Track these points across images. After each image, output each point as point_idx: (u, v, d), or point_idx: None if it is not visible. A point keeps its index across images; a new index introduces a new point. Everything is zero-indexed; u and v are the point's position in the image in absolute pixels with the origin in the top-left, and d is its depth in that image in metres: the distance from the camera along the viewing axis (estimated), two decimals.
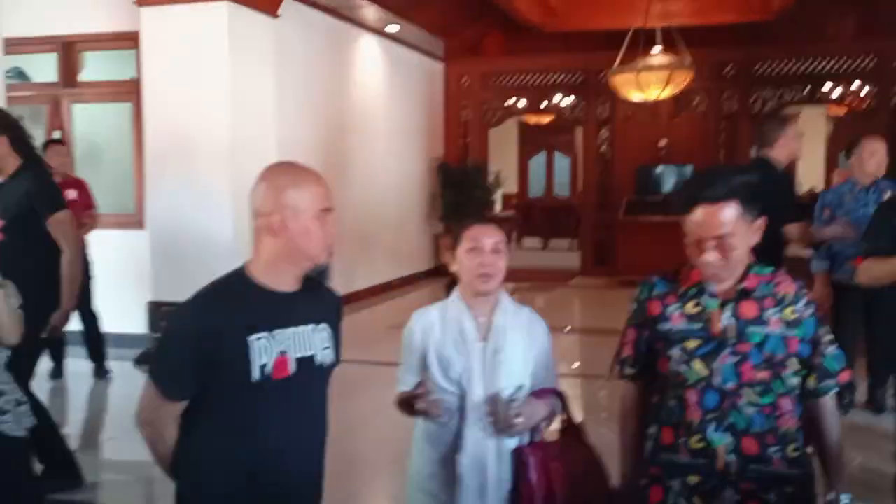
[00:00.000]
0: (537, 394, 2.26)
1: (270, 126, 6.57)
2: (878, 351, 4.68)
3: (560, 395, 2.30)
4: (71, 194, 5.78)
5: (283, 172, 1.93)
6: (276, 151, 6.51)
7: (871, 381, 4.86)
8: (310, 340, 1.92)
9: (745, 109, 10.54)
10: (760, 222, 1.94)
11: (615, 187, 11.19)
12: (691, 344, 1.96)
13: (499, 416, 2.15)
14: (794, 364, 1.95)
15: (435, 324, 2.29)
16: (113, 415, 5.34)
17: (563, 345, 7.39)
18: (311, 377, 1.93)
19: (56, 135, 6.90)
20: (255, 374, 1.81)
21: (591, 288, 10.70)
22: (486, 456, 2.19)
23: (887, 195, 4.45)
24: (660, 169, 11.11)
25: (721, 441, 1.92)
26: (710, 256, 1.90)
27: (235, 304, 1.86)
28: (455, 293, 2.31)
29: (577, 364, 6.81)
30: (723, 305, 1.96)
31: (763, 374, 1.92)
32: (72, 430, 4.77)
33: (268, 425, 1.88)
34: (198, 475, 1.90)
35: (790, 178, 4.34)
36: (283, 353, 1.85)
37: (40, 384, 5.14)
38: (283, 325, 1.88)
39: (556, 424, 2.32)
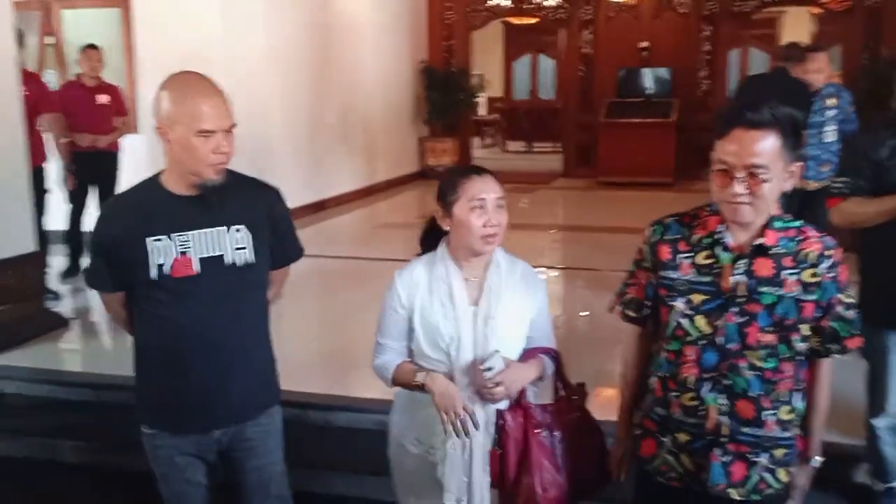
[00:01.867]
0: (528, 353, 2.11)
1: (260, 29, 6.71)
2: None
3: (555, 356, 2.16)
4: (102, 99, 6.04)
5: (177, 85, 2.03)
6: (265, 55, 6.68)
7: None
8: (218, 241, 2.07)
9: (726, 9, 10.62)
10: (797, 167, 1.78)
11: (597, 89, 11.34)
12: (697, 298, 1.84)
13: (477, 385, 2.00)
14: (805, 329, 1.82)
15: (420, 283, 2.09)
16: None
17: (545, 243, 7.80)
18: (221, 276, 2.07)
19: (88, 41, 6.99)
20: (153, 272, 2.03)
21: (573, 189, 11.01)
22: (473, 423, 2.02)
23: (829, 102, 4.82)
24: (641, 71, 11.26)
25: (714, 401, 1.83)
26: (739, 187, 1.73)
27: (136, 210, 2.07)
28: (443, 248, 2.11)
29: (556, 258, 7.19)
30: (736, 260, 1.82)
31: (770, 338, 1.80)
32: (94, 316, 5.21)
33: (174, 316, 2.07)
34: (139, 343, 2.20)
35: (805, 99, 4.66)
36: (183, 254, 2.04)
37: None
38: (186, 228, 2.04)
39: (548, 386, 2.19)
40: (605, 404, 2.94)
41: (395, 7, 10.74)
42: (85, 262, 6.23)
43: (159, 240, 2.04)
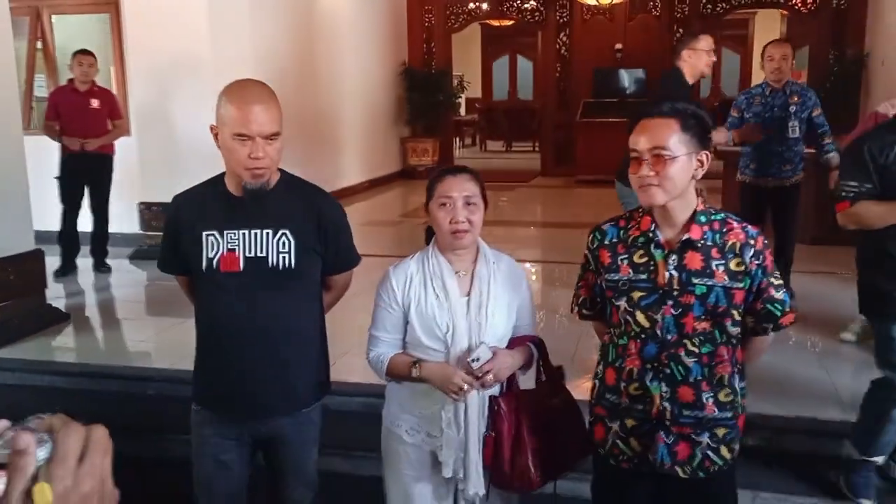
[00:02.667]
0: (514, 342, 2.23)
1: (246, 33, 6.91)
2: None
3: (538, 343, 2.28)
4: (94, 103, 6.19)
5: (229, 89, 2.13)
6: (251, 58, 6.88)
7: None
8: (264, 244, 2.17)
9: (696, 13, 10.94)
10: (704, 157, 1.94)
11: (574, 90, 11.62)
12: (637, 294, 1.97)
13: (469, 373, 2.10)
14: (735, 315, 1.96)
15: (414, 278, 2.20)
16: (120, 298, 5.91)
17: (527, 237, 8.07)
18: (263, 276, 2.18)
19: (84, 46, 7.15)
20: (204, 264, 2.18)
21: (551, 187, 11.28)
22: (468, 408, 2.15)
23: (794, 99, 4.77)
24: (616, 72, 11.54)
25: (657, 389, 1.97)
26: (646, 170, 1.90)
27: (198, 204, 2.23)
28: (433, 244, 2.23)
29: (536, 252, 7.46)
30: (668, 256, 1.95)
31: (704, 325, 1.94)
32: (90, 311, 5.41)
33: (219, 307, 2.22)
34: (197, 325, 2.34)
35: (687, 92, 4.26)
36: (231, 251, 2.16)
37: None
38: (235, 227, 2.16)
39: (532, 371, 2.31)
40: (580, 385, 3.20)
41: (376, 11, 10.96)
42: (80, 261, 6.44)
43: (212, 234, 2.17)
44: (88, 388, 4.24)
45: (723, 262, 1.93)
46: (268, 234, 2.17)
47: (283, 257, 2.17)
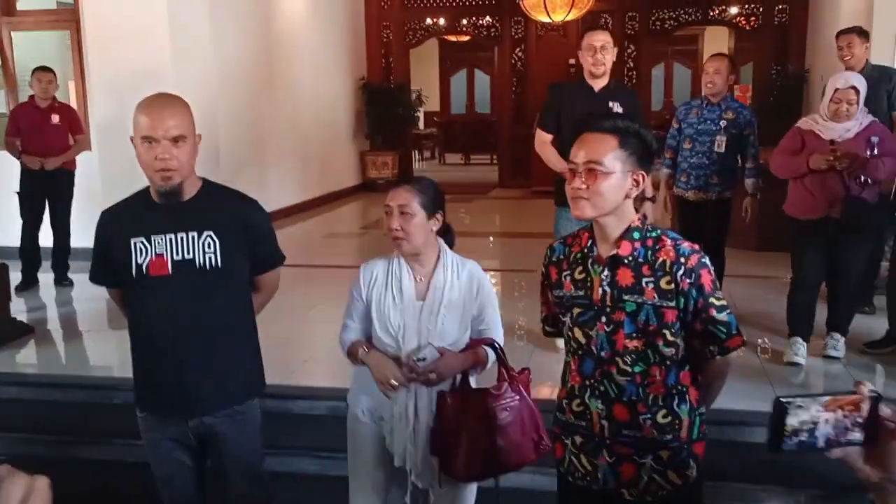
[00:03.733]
0: (472, 343, 2.40)
1: (207, 48, 7.00)
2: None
3: (496, 347, 2.40)
4: (55, 119, 6.23)
5: (143, 100, 2.27)
6: (214, 74, 6.98)
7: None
8: (190, 246, 2.28)
9: (646, 29, 11.29)
10: (640, 177, 1.93)
11: (530, 103, 11.88)
12: (576, 311, 1.99)
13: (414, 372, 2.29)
14: (668, 335, 1.91)
15: (378, 278, 2.41)
16: (82, 311, 5.96)
17: (485, 247, 8.27)
18: (193, 277, 2.29)
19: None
20: (134, 270, 2.29)
21: (509, 198, 11.50)
22: (417, 403, 2.35)
23: (728, 115, 4.80)
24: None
25: (595, 407, 1.97)
26: (577, 181, 1.89)
27: (126, 214, 2.35)
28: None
29: (495, 262, 7.66)
30: (602, 272, 1.95)
31: (636, 343, 1.91)
32: (52, 325, 5.49)
33: (151, 311, 2.33)
34: (130, 332, 2.45)
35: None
36: (159, 255, 2.27)
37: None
38: (161, 232, 2.27)
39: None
40: (541, 391, 3.36)
41: (335, 26, 11.10)
42: (41, 275, 6.45)
43: (140, 240, 2.28)
44: (55, 399, 4.30)
45: (652, 279, 1.91)
46: (192, 235, 2.28)
47: (209, 257, 2.28)
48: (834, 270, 4.31)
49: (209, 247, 2.28)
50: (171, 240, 2.27)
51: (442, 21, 12.02)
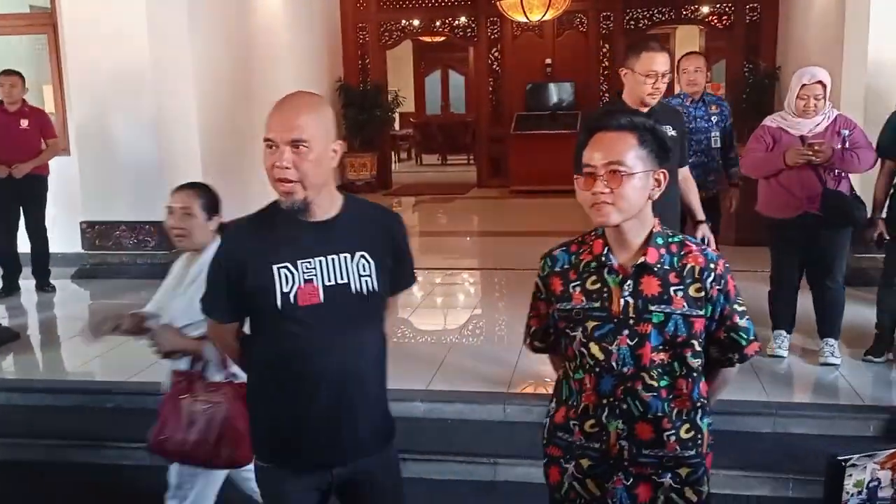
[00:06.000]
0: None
1: (186, 51, 6.98)
2: None
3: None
4: (23, 123, 6.15)
5: (284, 97, 1.98)
6: (192, 77, 6.97)
7: None
8: (343, 269, 1.95)
9: (620, 29, 11.43)
10: (662, 176, 1.83)
11: (506, 103, 11.96)
12: (591, 324, 1.83)
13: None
14: (696, 345, 1.82)
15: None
16: (66, 317, 5.91)
17: (464, 247, 8.34)
18: (346, 304, 1.95)
19: None
20: (280, 301, 1.90)
21: (487, 198, 11.58)
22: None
23: (713, 109, 4.88)
24: (547, 86, 11.93)
25: (614, 427, 1.82)
26: (600, 186, 1.77)
27: (259, 234, 1.97)
28: None
29: (474, 261, 7.73)
30: (623, 282, 1.82)
31: (663, 356, 1.80)
32: (33, 331, 5.48)
33: (301, 347, 1.94)
34: (254, 375, 2.08)
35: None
36: (308, 282, 1.92)
37: None
38: (308, 256, 1.93)
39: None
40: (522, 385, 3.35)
41: (311, 29, 11.10)
42: (23, 281, 6.41)
43: (283, 267, 1.92)
44: (48, 404, 4.30)
45: (681, 287, 1.80)
46: (346, 258, 1.96)
47: (365, 280, 1.98)
48: (813, 270, 4.35)
49: (364, 269, 1.97)
50: (321, 263, 1.94)
51: (417, 22, 12.08)
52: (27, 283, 6.45)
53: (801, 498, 3.33)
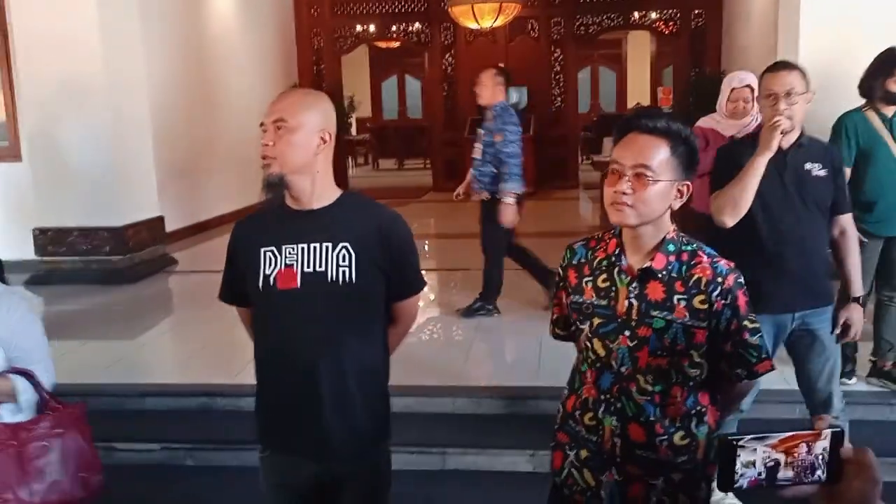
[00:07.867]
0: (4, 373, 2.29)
1: (139, 58, 7.00)
2: None
3: (32, 378, 2.31)
4: None
5: None
6: (146, 84, 6.99)
7: None
8: (322, 257, 1.99)
9: (570, 34, 11.67)
10: (685, 189, 1.82)
11: (461, 108, 12.12)
12: (596, 321, 1.86)
13: None
14: (695, 356, 1.82)
15: None
16: None
17: (421, 249, 8.44)
18: (322, 291, 1.98)
19: None
20: (261, 282, 2.00)
21: (443, 201, 11.69)
22: None
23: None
24: None
25: (609, 423, 1.85)
26: (624, 185, 1.76)
27: (257, 223, 2.14)
28: None
29: (432, 262, 7.86)
30: (631, 283, 1.84)
31: (660, 362, 1.81)
32: None
33: (276, 327, 2.02)
34: (256, 357, 2.12)
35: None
36: (289, 266, 1.99)
37: None
38: (293, 241, 2.00)
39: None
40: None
41: (265, 34, 11.14)
42: None
43: (268, 251, 2.02)
44: None
45: (685, 297, 1.80)
46: (327, 247, 2.00)
47: (343, 270, 1.99)
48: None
49: (343, 259, 1.99)
50: (303, 249, 2.00)
51: (372, 28, 12.17)
52: None
53: None
